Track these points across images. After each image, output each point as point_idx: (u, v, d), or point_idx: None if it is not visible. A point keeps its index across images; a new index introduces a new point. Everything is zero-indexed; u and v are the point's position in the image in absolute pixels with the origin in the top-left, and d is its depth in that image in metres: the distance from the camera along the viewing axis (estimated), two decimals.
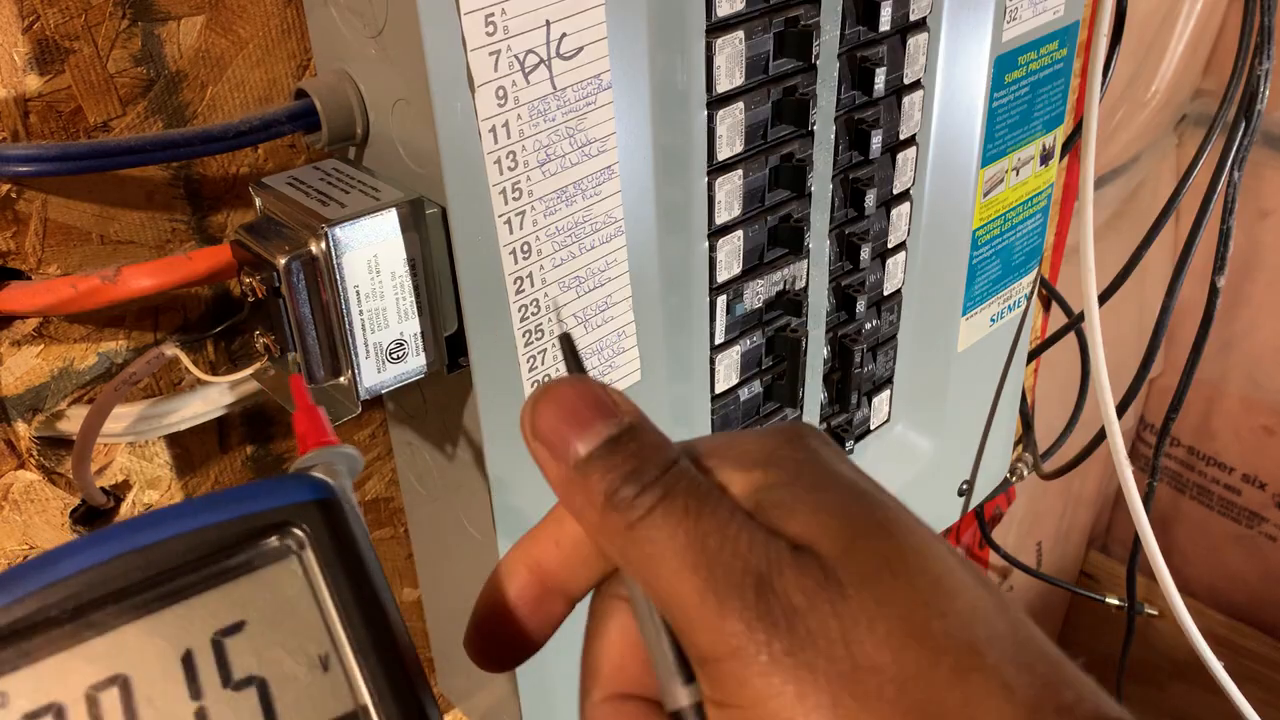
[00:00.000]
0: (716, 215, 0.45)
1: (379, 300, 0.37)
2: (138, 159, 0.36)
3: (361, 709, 0.22)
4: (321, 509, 0.23)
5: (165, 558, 0.22)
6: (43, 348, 0.39)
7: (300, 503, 0.23)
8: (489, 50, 0.34)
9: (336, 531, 0.23)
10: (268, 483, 0.25)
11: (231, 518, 0.23)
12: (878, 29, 0.47)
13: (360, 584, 0.23)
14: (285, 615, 0.23)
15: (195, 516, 0.23)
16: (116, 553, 0.22)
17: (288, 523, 0.23)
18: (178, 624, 0.22)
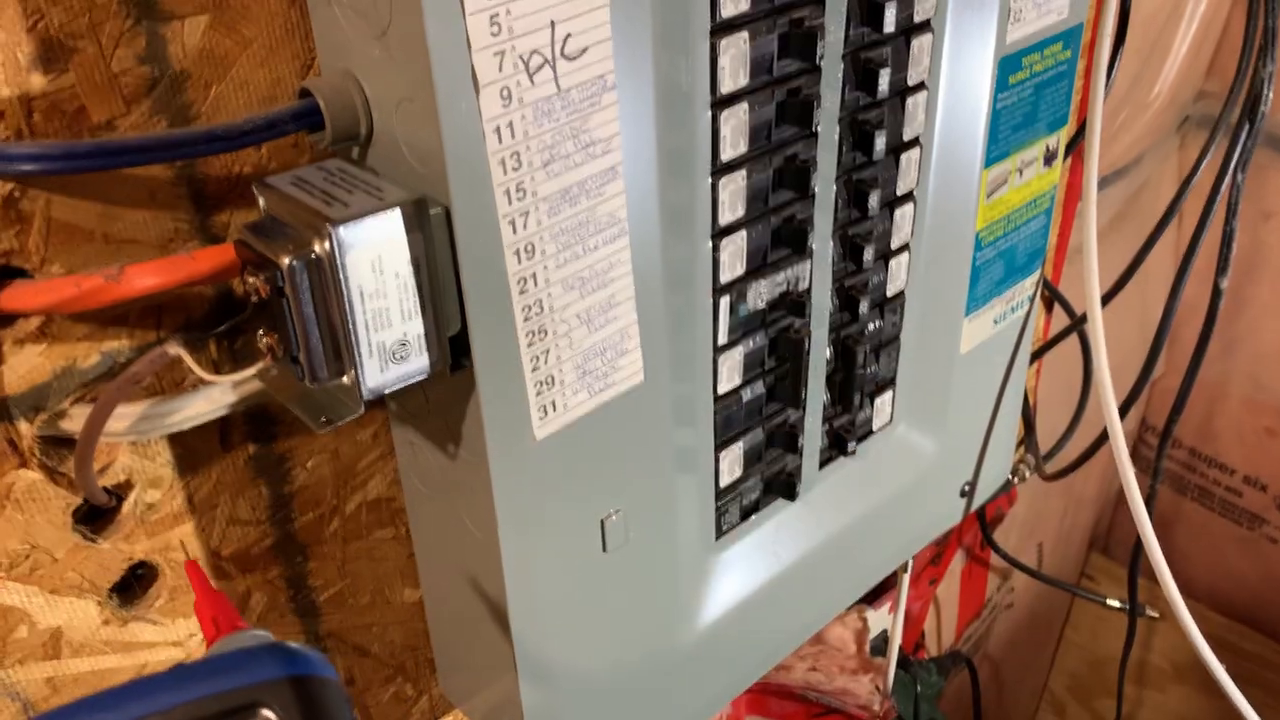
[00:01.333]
0: (720, 216, 0.45)
1: (382, 300, 0.37)
2: (142, 158, 0.36)
3: None
4: (294, 687, 0.22)
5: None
6: (45, 346, 0.39)
7: (273, 680, 0.22)
8: (494, 50, 0.34)
9: (313, 712, 0.22)
10: (237, 654, 0.23)
11: (198, 697, 0.22)
12: (882, 30, 0.47)
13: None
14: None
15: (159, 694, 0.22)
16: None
17: (258, 703, 0.22)
18: None
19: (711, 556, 0.55)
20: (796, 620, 0.62)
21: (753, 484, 0.55)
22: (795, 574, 0.59)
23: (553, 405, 0.42)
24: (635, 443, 0.46)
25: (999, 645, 1.35)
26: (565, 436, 0.43)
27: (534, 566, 0.45)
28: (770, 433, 0.54)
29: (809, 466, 0.58)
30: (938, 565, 1.03)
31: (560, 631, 0.48)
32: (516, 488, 0.43)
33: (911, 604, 0.93)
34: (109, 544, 0.43)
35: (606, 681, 0.52)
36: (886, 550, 0.67)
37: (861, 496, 0.62)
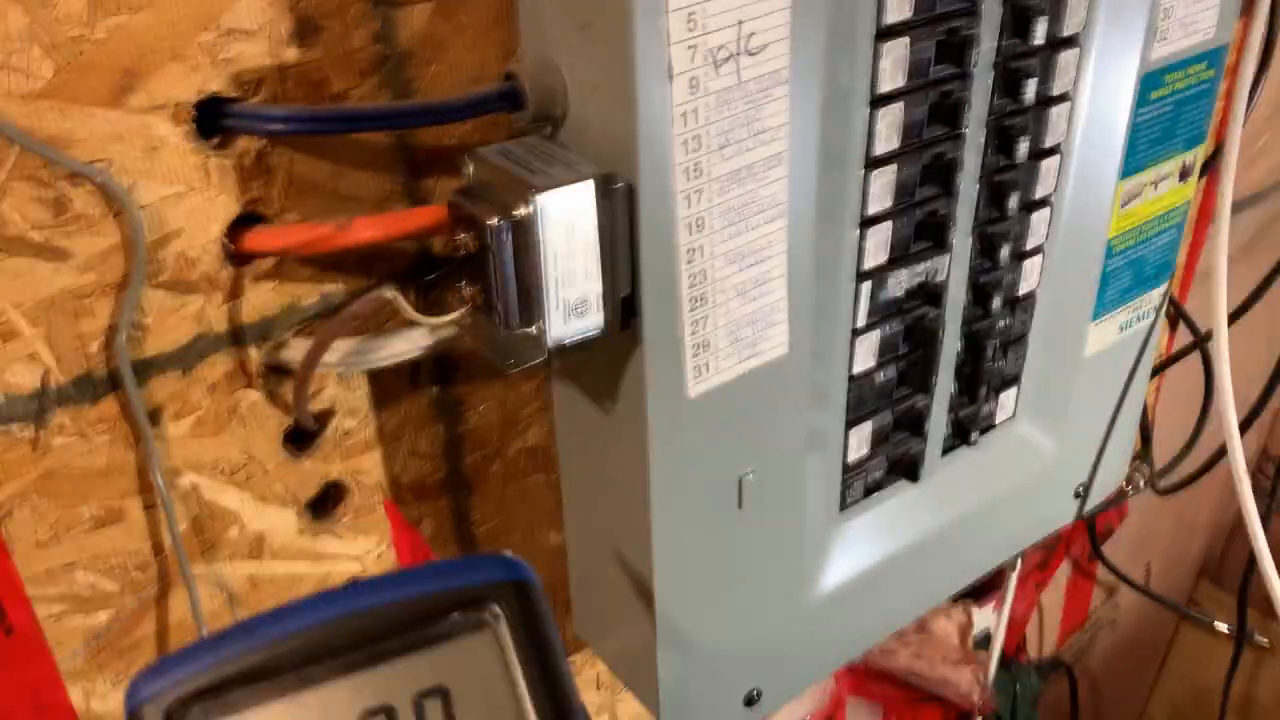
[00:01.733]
0: (869, 206, 0.49)
1: (570, 260, 0.42)
2: (374, 124, 0.42)
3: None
4: (516, 589, 0.26)
5: (377, 622, 0.24)
6: (276, 284, 0.45)
7: (499, 582, 0.26)
8: (688, 44, 0.39)
9: (529, 611, 0.25)
10: (469, 559, 0.27)
11: (437, 590, 0.25)
12: (1031, 42, 0.50)
13: (547, 662, 0.25)
14: (479, 684, 0.25)
15: (404, 586, 0.25)
16: (338, 614, 0.24)
17: (487, 599, 0.25)
18: (384, 683, 0.24)
19: (835, 527, 0.59)
20: (908, 599, 0.66)
21: (878, 463, 0.59)
22: (911, 554, 0.62)
23: (706, 367, 0.47)
24: (773, 410, 0.51)
25: (1100, 661, 1.35)
26: (714, 397, 0.48)
27: (677, 517, 0.50)
28: (898, 416, 0.58)
29: (932, 452, 0.61)
30: (1044, 570, 1.04)
31: (695, 581, 0.52)
32: (669, 441, 0.47)
33: (1016, 605, 0.95)
34: (310, 462, 0.49)
35: (730, 634, 0.56)
36: (998, 542, 0.70)
37: (979, 486, 0.65)
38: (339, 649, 0.24)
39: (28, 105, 0.37)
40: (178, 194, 0.41)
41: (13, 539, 0.42)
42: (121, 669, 0.48)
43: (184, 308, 0.43)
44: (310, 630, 0.24)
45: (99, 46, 0.37)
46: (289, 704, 0.24)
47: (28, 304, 0.39)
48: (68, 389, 0.41)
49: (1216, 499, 1.38)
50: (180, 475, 0.46)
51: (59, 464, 0.42)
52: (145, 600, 0.47)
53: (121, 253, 0.40)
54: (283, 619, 0.25)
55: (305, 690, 0.24)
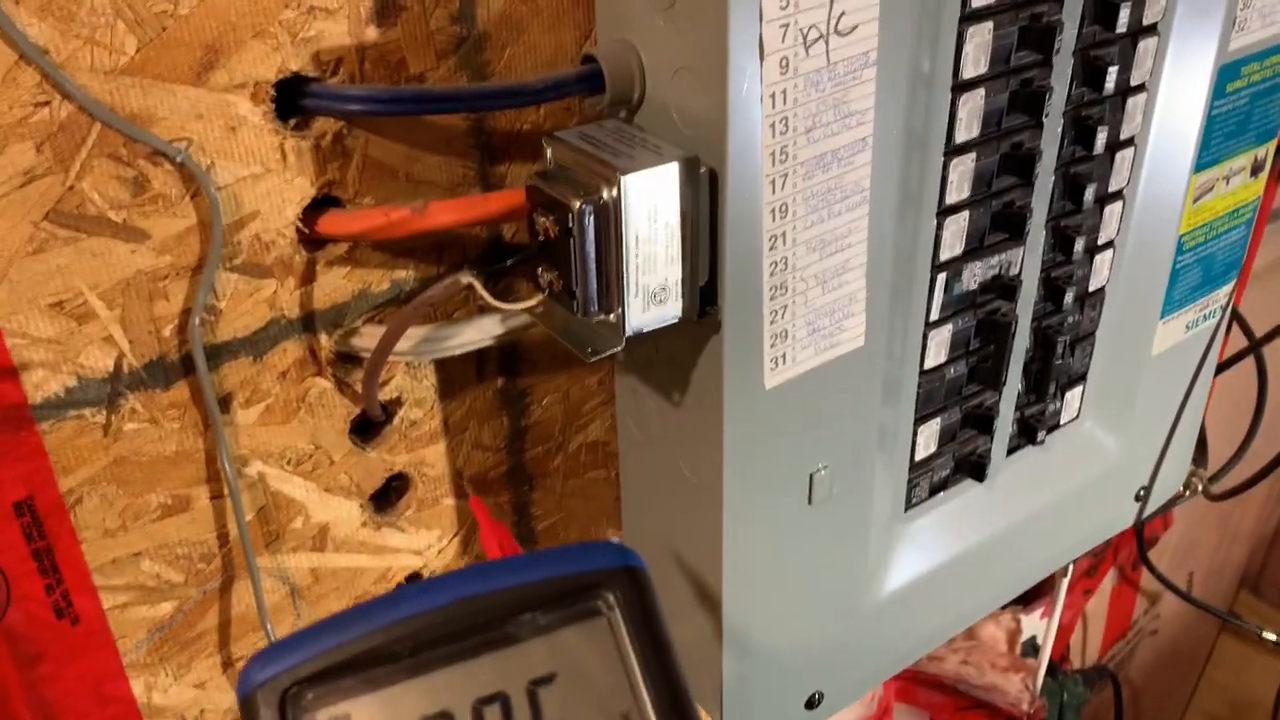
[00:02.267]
0: (947, 195, 0.48)
1: (652, 246, 0.41)
2: (454, 106, 0.41)
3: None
4: (629, 576, 0.25)
5: (490, 608, 0.24)
6: (349, 270, 0.44)
7: (611, 568, 0.25)
8: (780, 23, 0.38)
9: (642, 598, 0.25)
10: (583, 546, 0.27)
11: (551, 576, 0.25)
12: (1114, 30, 0.49)
13: (661, 650, 0.25)
14: (593, 672, 0.24)
15: (517, 572, 0.25)
16: (451, 599, 0.24)
17: (600, 585, 0.25)
18: (497, 670, 0.24)
19: (899, 526, 0.58)
20: (969, 602, 0.64)
21: (944, 461, 0.58)
22: (974, 556, 0.61)
23: (783, 358, 0.46)
24: (847, 403, 0.50)
25: (1140, 671, 1.33)
26: (789, 389, 0.47)
27: (748, 513, 0.49)
28: (966, 413, 0.57)
29: (998, 451, 0.60)
30: (1092, 577, 1.03)
31: (762, 580, 0.51)
32: (743, 434, 0.46)
33: (1063, 613, 0.93)
34: (375, 454, 0.48)
35: (794, 635, 0.55)
36: (1059, 545, 0.68)
37: (1044, 487, 0.64)
38: (452, 635, 0.24)
39: (110, 81, 0.36)
40: (255, 175, 0.40)
41: (82, 526, 0.42)
42: (183, 662, 0.47)
43: (258, 292, 0.42)
44: (424, 616, 0.24)
45: (182, 22, 0.36)
46: (402, 690, 0.24)
47: (104, 285, 0.38)
48: (140, 373, 0.41)
49: (1261, 507, 1.37)
50: (248, 464, 0.45)
51: (130, 450, 0.42)
52: (209, 592, 0.46)
53: (198, 234, 0.40)
54: (397, 604, 0.24)
55: (418, 676, 0.24)
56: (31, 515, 0.40)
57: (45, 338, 0.38)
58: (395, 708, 0.24)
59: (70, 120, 0.36)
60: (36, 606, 0.41)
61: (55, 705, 0.43)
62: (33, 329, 0.38)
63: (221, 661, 0.48)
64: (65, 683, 0.44)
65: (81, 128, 0.36)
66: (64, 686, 0.44)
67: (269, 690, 0.23)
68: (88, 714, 0.45)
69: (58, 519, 0.41)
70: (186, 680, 0.47)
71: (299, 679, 0.23)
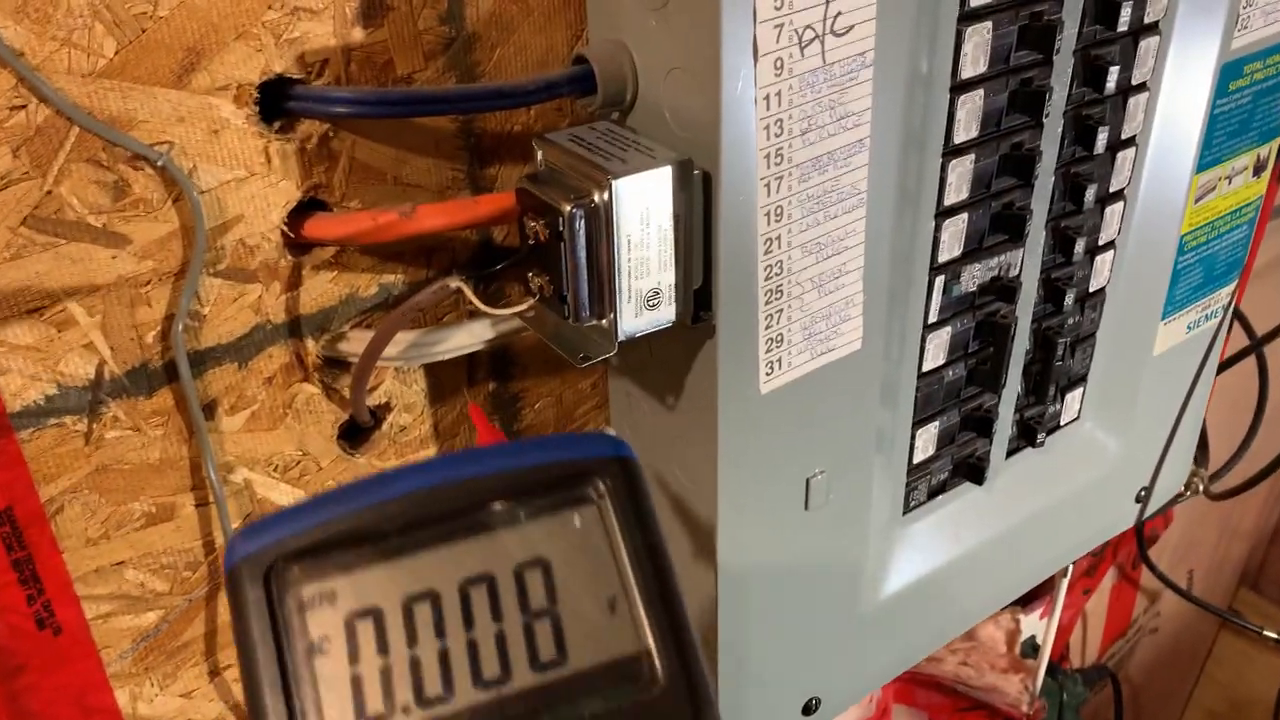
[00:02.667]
0: (945, 196, 0.47)
1: (645, 250, 0.40)
2: (442, 108, 0.40)
3: (645, 652, 0.23)
4: (621, 466, 0.25)
5: (482, 491, 0.24)
6: (336, 274, 0.43)
7: (603, 457, 0.25)
8: (774, 23, 0.37)
9: (633, 488, 0.25)
10: (576, 436, 0.27)
11: (543, 462, 0.25)
12: (1115, 29, 0.48)
13: (649, 537, 0.24)
14: (581, 557, 0.24)
15: (510, 457, 0.25)
16: (441, 481, 0.24)
17: (591, 473, 0.25)
18: (485, 552, 0.24)
19: (898, 530, 0.57)
20: (968, 605, 0.64)
21: (943, 464, 0.57)
22: (973, 558, 0.60)
23: (779, 362, 0.45)
24: (844, 407, 0.49)
25: (1140, 669, 1.33)
26: (785, 393, 0.46)
27: (743, 519, 0.48)
28: (965, 415, 0.56)
29: (997, 454, 0.59)
30: (1092, 576, 1.02)
31: (758, 586, 0.50)
32: (738, 439, 0.45)
33: (1062, 613, 0.93)
34: (364, 460, 0.47)
35: (791, 641, 0.54)
36: (1059, 547, 0.68)
37: (1043, 489, 0.63)
38: (442, 516, 0.23)
39: (89, 84, 0.35)
40: (239, 179, 0.39)
41: (63, 536, 0.41)
42: (169, 671, 0.46)
43: (242, 297, 0.41)
44: (413, 497, 0.23)
45: (163, 24, 0.36)
46: (388, 569, 0.23)
47: (84, 292, 0.38)
48: (122, 380, 0.40)
49: (1261, 504, 1.36)
50: (233, 471, 0.44)
51: (112, 458, 0.41)
52: (195, 601, 0.46)
53: (180, 239, 0.39)
54: (386, 484, 0.24)
55: (406, 556, 0.23)
56: (11, 525, 0.39)
57: (24, 345, 0.37)
58: (381, 586, 0.23)
59: (47, 124, 0.35)
60: (17, 617, 0.41)
61: (38, 717, 0.43)
62: (11, 336, 0.37)
63: (208, 670, 0.47)
64: (48, 694, 0.43)
65: (59, 131, 0.35)
66: (47, 698, 0.43)
67: (254, 564, 0.23)
68: None
69: (38, 529, 0.40)
70: (172, 690, 0.46)
71: (285, 554, 0.23)
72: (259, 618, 0.22)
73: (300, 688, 0.22)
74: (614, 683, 0.23)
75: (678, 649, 0.23)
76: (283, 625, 0.22)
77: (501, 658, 0.23)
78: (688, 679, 0.23)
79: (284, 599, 0.23)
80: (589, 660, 0.23)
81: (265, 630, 0.22)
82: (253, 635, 0.22)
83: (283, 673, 0.22)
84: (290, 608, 0.23)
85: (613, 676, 0.23)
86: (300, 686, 0.22)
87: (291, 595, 0.23)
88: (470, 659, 0.23)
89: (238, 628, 0.23)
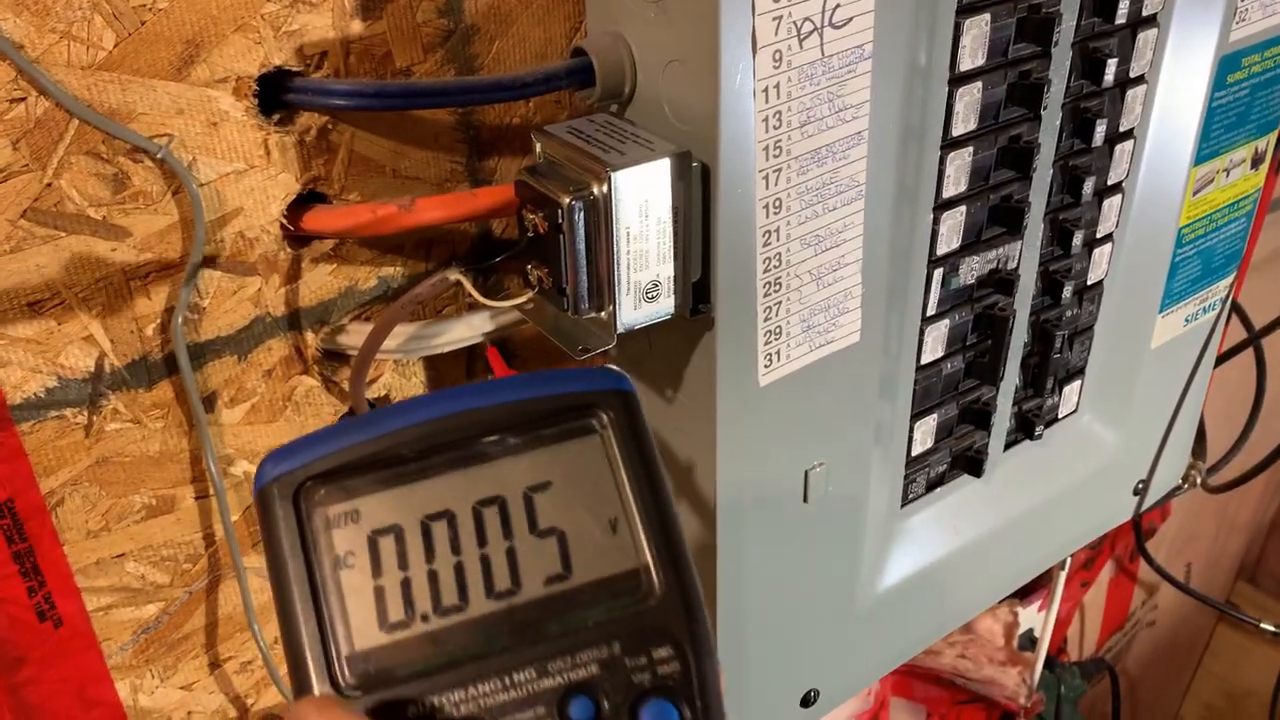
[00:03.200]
0: (944, 189, 0.47)
1: (644, 242, 0.40)
2: (441, 100, 0.40)
3: (643, 567, 0.25)
4: (621, 398, 0.27)
5: (494, 420, 0.25)
6: (335, 267, 0.43)
7: (606, 390, 0.27)
8: (773, 16, 0.37)
9: (632, 418, 0.27)
10: (581, 370, 0.28)
11: (551, 394, 0.26)
12: (1113, 21, 0.49)
13: (647, 464, 0.26)
14: (586, 481, 0.26)
15: (522, 389, 0.26)
16: (458, 409, 0.25)
17: (595, 405, 0.26)
18: (496, 476, 0.25)
19: (896, 523, 0.57)
20: (966, 597, 0.64)
21: (941, 457, 0.57)
22: (971, 551, 0.61)
23: (777, 355, 0.45)
24: (842, 400, 0.49)
25: (1137, 663, 1.33)
26: (784, 385, 0.46)
27: (742, 511, 0.48)
28: (964, 408, 0.56)
29: (995, 446, 0.59)
30: (1090, 570, 1.02)
31: (756, 579, 0.51)
32: (737, 431, 0.45)
33: (1060, 606, 0.93)
34: None
35: (789, 634, 0.54)
36: (1057, 540, 0.68)
37: (1041, 482, 0.63)
38: (457, 443, 0.25)
39: (88, 77, 0.35)
40: (238, 172, 0.39)
41: (64, 528, 0.41)
42: (170, 664, 0.46)
43: (242, 290, 0.41)
44: (432, 424, 0.25)
45: (162, 16, 0.36)
46: (408, 490, 0.25)
47: (84, 284, 0.38)
48: (122, 373, 0.40)
49: (1259, 497, 1.36)
50: (233, 464, 0.44)
51: (112, 450, 0.41)
52: (196, 593, 0.46)
53: (180, 232, 0.39)
54: (406, 412, 0.25)
55: (423, 479, 0.25)
56: (11, 517, 0.39)
57: (24, 338, 0.37)
58: (401, 506, 0.25)
59: (47, 116, 0.35)
60: (18, 610, 0.41)
61: (38, 709, 0.43)
62: (11, 329, 0.37)
63: (209, 663, 0.47)
64: (48, 686, 0.43)
65: (59, 124, 0.35)
66: (47, 690, 0.43)
67: (284, 484, 0.24)
68: (72, 718, 0.44)
69: (39, 521, 0.40)
70: (173, 682, 0.46)
71: (311, 475, 0.24)
72: (289, 534, 0.24)
73: (328, 597, 0.24)
74: (614, 595, 0.24)
75: (673, 564, 0.25)
76: (310, 541, 0.24)
77: (512, 571, 0.25)
78: (682, 590, 0.24)
79: (311, 517, 0.24)
80: (591, 574, 0.25)
81: (295, 545, 0.24)
82: (283, 550, 0.24)
83: (311, 584, 0.24)
84: (317, 525, 0.24)
85: (613, 589, 0.25)
86: (328, 596, 0.24)
87: (318, 513, 0.24)
88: (484, 572, 0.25)
89: (269, 544, 0.24)
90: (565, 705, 0.23)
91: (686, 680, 0.24)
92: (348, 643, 0.24)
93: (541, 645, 0.24)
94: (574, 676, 0.24)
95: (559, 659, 0.24)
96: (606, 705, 0.23)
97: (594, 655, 0.24)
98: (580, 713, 0.23)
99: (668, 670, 0.24)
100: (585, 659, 0.24)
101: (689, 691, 0.24)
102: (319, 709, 0.21)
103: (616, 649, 0.24)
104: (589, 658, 0.24)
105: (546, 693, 0.24)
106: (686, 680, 0.24)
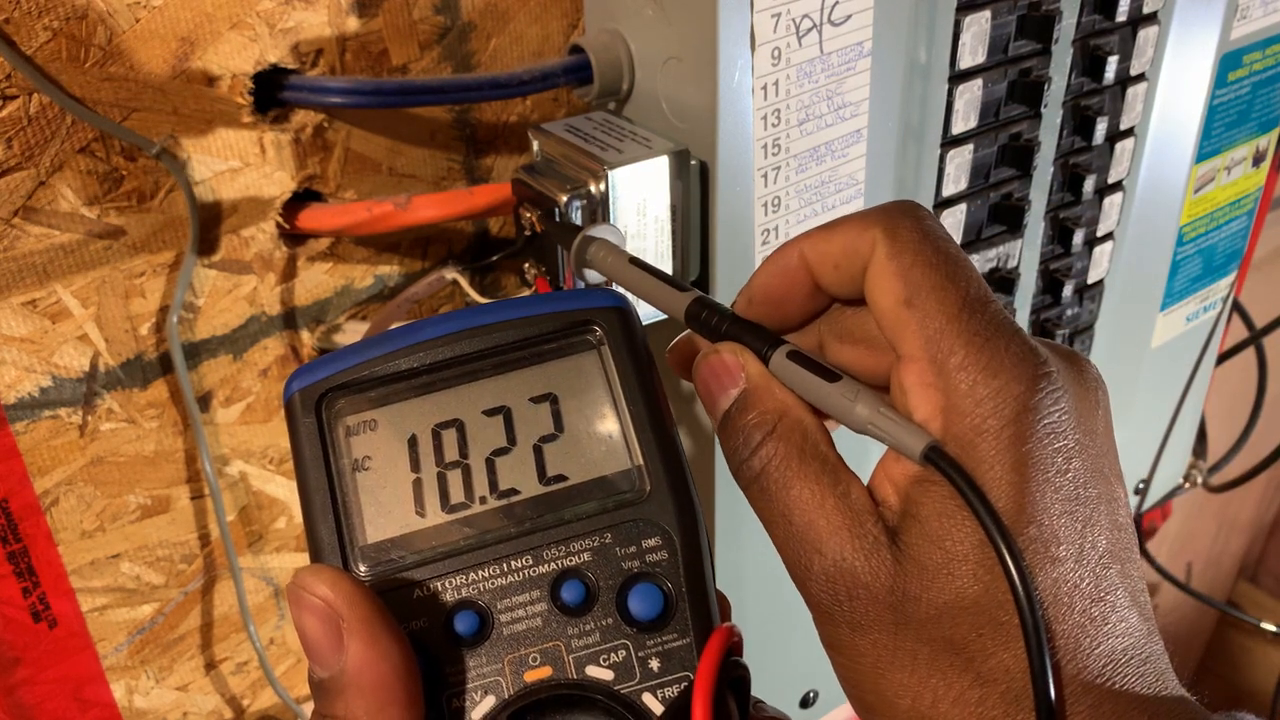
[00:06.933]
0: (944, 187, 0.47)
1: (641, 240, 0.40)
2: (438, 98, 0.40)
3: (636, 468, 0.27)
4: (618, 314, 0.28)
5: (499, 336, 0.27)
6: (331, 265, 0.43)
7: (603, 307, 0.28)
8: (772, 13, 0.37)
9: (628, 333, 0.28)
10: (579, 291, 0.30)
11: (552, 311, 0.28)
12: (1113, 18, 0.48)
13: (642, 374, 0.28)
14: (585, 392, 0.28)
15: (525, 307, 0.28)
16: (465, 327, 0.27)
17: (592, 321, 0.28)
18: (502, 388, 0.28)
19: None
20: None
21: None
22: None
23: None
24: None
25: None
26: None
27: (741, 510, 0.48)
28: None
29: None
30: None
31: (756, 576, 0.50)
32: None
33: None
34: None
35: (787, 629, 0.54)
36: None
37: None
38: (465, 358, 0.27)
39: (83, 74, 0.35)
40: (233, 170, 0.39)
41: (58, 528, 0.41)
42: (165, 664, 0.46)
43: (237, 289, 0.41)
44: (441, 341, 0.27)
45: (157, 14, 0.35)
46: (420, 402, 0.27)
47: (79, 283, 0.37)
48: (117, 372, 0.40)
49: (1260, 496, 1.36)
50: (229, 464, 0.44)
51: (107, 450, 0.41)
52: (191, 593, 0.45)
53: (175, 230, 0.39)
54: (417, 331, 0.27)
55: (435, 391, 0.27)
56: (6, 517, 0.39)
57: (18, 337, 0.37)
58: (414, 415, 0.27)
59: (41, 114, 0.35)
60: (13, 610, 0.41)
61: (34, 710, 0.43)
62: (5, 328, 0.37)
63: (204, 663, 0.47)
64: (44, 687, 0.43)
65: (52, 122, 0.35)
66: (42, 691, 0.43)
67: (308, 395, 0.27)
68: (67, 718, 0.44)
69: (33, 521, 0.40)
70: (168, 683, 0.46)
71: (334, 386, 0.27)
72: (311, 440, 0.26)
73: (345, 496, 0.26)
74: (609, 493, 0.26)
75: (665, 464, 0.26)
76: (331, 446, 0.26)
77: (514, 473, 0.27)
78: (673, 487, 0.26)
79: (333, 425, 0.27)
80: (589, 474, 0.27)
81: (316, 450, 0.26)
82: (306, 454, 0.26)
83: (330, 485, 0.26)
84: (338, 432, 0.27)
85: (608, 488, 0.27)
86: (346, 496, 0.26)
87: (339, 422, 0.27)
88: (488, 474, 0.27)
89: (295, 448, 0.27)
90: (558, 588, 0.25)
91: (674, 566, 0.26)
92: (362, 535, 0.26)
93: (538, 535, 0.26)
94: (567, 563, 0.26)
95: (554, 548, 0.26)
96: (597, 586, 0.25)
97: (586, 544, 0.26)
98: (571, 594, 0.25)
99: (656, 558, 0.26)
100: (578, 548, 0.26)
101: (675, 576, 0.25)
102: (331, 581, 0.24)
103: (608, 539, 0.26)
104: (582, 546, 0.26)
105: (541, 577, 0.25)
106: (674, 566, 0.26)
